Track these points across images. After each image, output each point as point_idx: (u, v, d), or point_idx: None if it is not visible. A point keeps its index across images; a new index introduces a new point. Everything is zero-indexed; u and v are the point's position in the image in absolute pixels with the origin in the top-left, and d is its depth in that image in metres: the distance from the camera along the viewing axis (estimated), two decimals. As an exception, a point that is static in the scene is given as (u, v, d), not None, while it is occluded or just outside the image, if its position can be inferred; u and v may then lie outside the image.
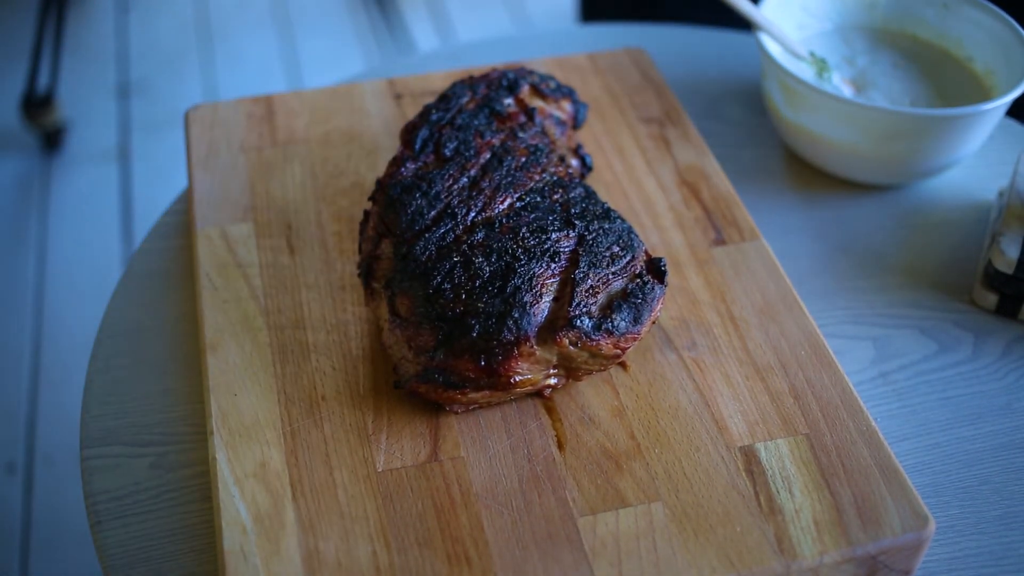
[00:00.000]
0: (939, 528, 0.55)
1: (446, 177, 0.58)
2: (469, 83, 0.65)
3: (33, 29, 2.09)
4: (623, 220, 0.57)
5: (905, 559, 0.51)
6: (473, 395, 0.53)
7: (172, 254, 0.70)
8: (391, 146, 0.72)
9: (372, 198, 0.60)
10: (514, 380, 0.52)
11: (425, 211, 0.57)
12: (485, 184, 0.58)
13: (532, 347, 0.52)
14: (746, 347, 0.59)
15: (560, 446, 0.54)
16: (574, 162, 0.65)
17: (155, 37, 2.36)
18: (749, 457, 0.53)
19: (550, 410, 0.55)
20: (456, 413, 0.55)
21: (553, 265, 0.54)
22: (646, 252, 0.57)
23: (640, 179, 0.70)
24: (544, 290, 0.53)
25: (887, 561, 0.50)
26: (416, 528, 0.50)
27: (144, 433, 0.59)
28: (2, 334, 1.70)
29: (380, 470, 0.52)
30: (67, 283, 1.78)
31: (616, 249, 0.55)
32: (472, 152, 0.60)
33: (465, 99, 0.64)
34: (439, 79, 0.79)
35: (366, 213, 0.61)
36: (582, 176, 0.66)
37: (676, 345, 0.59)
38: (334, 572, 0.48)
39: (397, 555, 0.49)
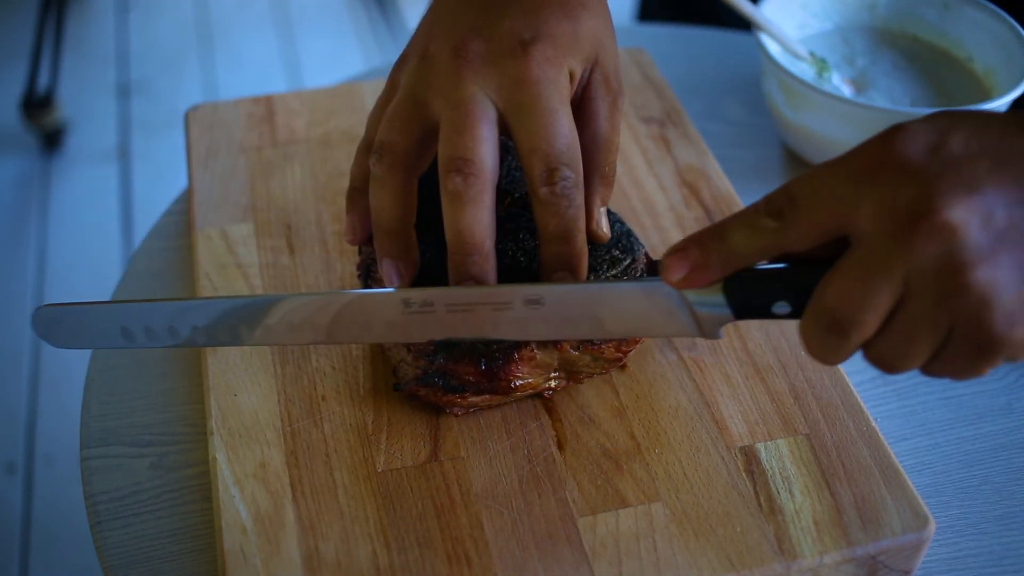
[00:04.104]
0: (939, 528, 0.55)
1: (446, 177, 0.58)
2: (469, 83, 0.65)
3: (33, 29, 2.09)
4: (622, 223, 0.57)
5: (905, 559, 0.51)
6: (473, 399, 0.53)
7: (172, 254, 0.70)
8: (391, 146, 0.72)
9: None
10: (515, 384, 0.52)
11: (424, 212, 0.57)
12: (485, 184, 0.58)
13: (533, 351, 0.52)
14: (746, 347, 0.58)
15: (560, 446, 0.54)
16: (574, 162, 0.65)
17: (155, 37, 2.36)
18: (749, 457, 0.53)
19: (550, 410, 0.55)
20: (456, 415, 0.55)
21: (553, 265, 0.54)
22: (646, 254, 0.57)
23: (640, 179, 0.70)
24: (544, 290, 0.53)
25: (887, 561, 0.50)
26: (416, 528, 0.50)
27: (144, 433, 0.59)
28: (2, 334, 1.70)
29: (380, 470, 0.52)
30: (67, 283, 1.78)
31: (616, 252, 0.55)
32: (472, 152, 0.59)
33: (465, 99, 0.64)
34: (439, 79, 0.78)
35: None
36: (582, 176, 0.65)
37: (676, 345, 0.59)
38: (334, 572, 0.48)
39: (397, 555, 0.49)
